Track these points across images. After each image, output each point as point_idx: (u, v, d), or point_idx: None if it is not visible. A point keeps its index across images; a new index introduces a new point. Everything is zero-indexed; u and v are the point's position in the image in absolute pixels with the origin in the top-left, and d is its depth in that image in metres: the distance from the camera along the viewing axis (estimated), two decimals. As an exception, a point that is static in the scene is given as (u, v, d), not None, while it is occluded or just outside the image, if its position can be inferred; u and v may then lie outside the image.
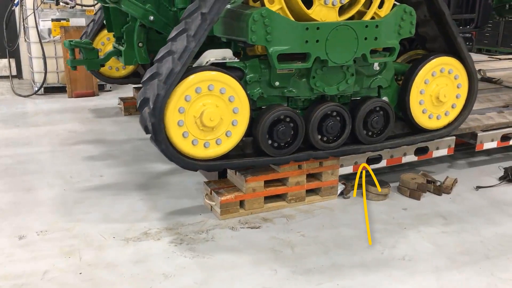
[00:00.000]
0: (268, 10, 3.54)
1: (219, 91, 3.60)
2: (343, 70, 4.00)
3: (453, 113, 4.52)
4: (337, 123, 4.03)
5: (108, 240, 3.59)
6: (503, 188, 4.56)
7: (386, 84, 4.28)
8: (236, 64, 3.79)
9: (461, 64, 4.39)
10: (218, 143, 3.70)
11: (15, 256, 3.39)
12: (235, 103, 3.68)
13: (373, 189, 4.26)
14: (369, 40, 3.89)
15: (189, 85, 3.50)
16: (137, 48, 4.84)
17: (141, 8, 4.49)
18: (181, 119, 3.53)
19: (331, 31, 3.75)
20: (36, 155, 5.30)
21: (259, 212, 4.00)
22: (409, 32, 4.04)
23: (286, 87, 3.93)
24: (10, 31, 8.70)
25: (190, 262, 3.33)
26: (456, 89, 4.43)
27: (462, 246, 3.56)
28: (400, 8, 3.96)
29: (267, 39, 3.59)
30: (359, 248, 3.52)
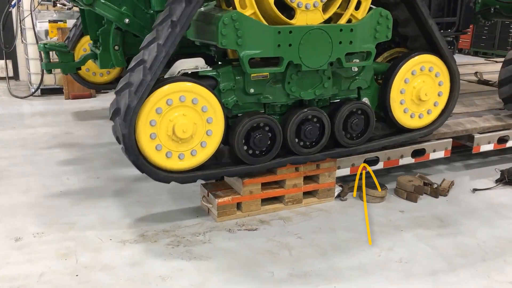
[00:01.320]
0: (239, 14, 3.46)
1: (191, 102, 3.52)
2: (319, 74, 3.93)
3: (436, 111, 4.46)
4: (316, 127, 3.97)
5: (104, 242, 3.58)
6: (500, 190, 4.57)
7: (366, 85, 4.22)
8: (209, 73, 3.70)
9: (442, 61, 4.34)
10: (193, 154, 3.63)
11: (11, 258, 3.38)
12: (209, 113, 3.60)
13: (370, 191, 4.26)
14: (344, 44, 3.82)
15: (159, 98, 3.43)
16: (113, 51, 4.71)
17: (116, 10, 4.37)
18: (153, 132, 3.46)
19: (304, 35, 3.67)
20: (33, 157, 5.29)
21: (256, 214, 4.00)
22: (386, 36, 3.97)
23: (262, 94, 3.84)
24: (7, 33, 8.69)
25: (187, 264, 3.32)
26: (437, 86, 4.37)
27: (458, 249, 3.56)
28: (376, 12, 3.89)
29: (238, 43, 3.50)
30: (356, 250, 3.52)
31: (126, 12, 4.41)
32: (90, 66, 6.39)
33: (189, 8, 3.42)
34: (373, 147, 4.30)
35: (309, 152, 4.01)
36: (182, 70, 3.63)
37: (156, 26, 3.52)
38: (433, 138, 4.69)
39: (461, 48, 12.64)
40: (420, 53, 4.26)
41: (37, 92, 8.09)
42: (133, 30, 4.51)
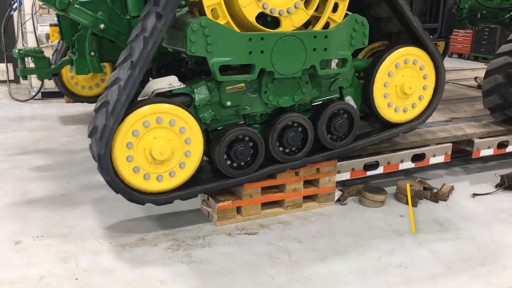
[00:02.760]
0: (208, 20, 3.37)
1: (169, 123, 3.47)
2: (296, 80, 3.86)
3: (421, 105, 4.38)
4: (298, 133, 3.90)
5: (104, 245, 3.58)
6: (500, 195, 4.57)
7: (347, 83, 4.15)
8: (183, 90, 3.63)
9: (426, 54, 4.26)
10: (172, 175, 3.57)
11: (10, 261, 3.38)
12: (187, 134, 3.54)
13: (370, 196, 4.26)
14: (318, 51, 3.75)
15: (135, 120, 3.37)
16: (89, 57, 4.64)
17: (90, 16, 4.30)
18: (130, 155, 3.40)
19: (276, 41, 3.59)
20: (33, 160, 5.29)
21: (256, 218, 4.00)
22: (362, 43, 3.91)
23: (239, 105, 3.77)
24: (8, 36, 8.71)
25: (187, 268, 3.32)
26: (422, 80, 4.29)
27: (458, 253, 3.56)
28: (352, 19, 3.81)
29: (208, 50, 3.41)
30: (356, 254, 3.52)
31: (101, 18, 4.33)
32: (78, 79, 6.36)
33: (160, 23, 3.34)
34: (359, 146, 4.22)
35: (293, 159, 3.95)
36: (156, 90, 3.57)
37: (130, 42, 3.47)
38: (433, 143, 4.69)
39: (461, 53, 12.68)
40: (403, 46, 4.17)
41: (38, 95, 8.10)
42: (108, 35, 4.43)
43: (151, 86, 3.60)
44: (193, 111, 3.62)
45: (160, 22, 3.34)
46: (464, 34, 12.24)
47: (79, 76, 5.92)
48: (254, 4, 3.47)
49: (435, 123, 5.09)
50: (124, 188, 3.46)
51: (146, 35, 3.36)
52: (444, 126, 5.02)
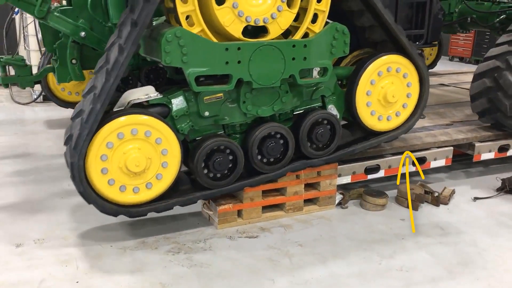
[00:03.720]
0: (183, 30, 3.32)
1: (144, 134, 3.42)
2: (276, 89, 3.79)
3: (405, 113, 4.33)
4: (278, 143, 3.84)
5: (105, 248, 3.58)
6: (501, 199, 4.57)
7: (329, 92, 4.10)
8: (160, 101, 3.58)
9: (409, 62, 4.21)
10: (149, 187, 3.52)
11: (11, 264, 3.38)
12: (163, 145, 3.49)
13: (371, 199, 4.26)
14: (298, 61, 3.68)
15: (109, 132, 3.33)
16: (70, 65, 4.55)
17: (70, 24, 4.23)
18: (105, 167, 3.36)
19: (254, 51, 3.54)
20: (34, 163, 5.30)
21: (257, 222, 4.00)
22: (343, 51, 3.85)
23: (218, 116, 3.72)
24: (10, 39, 8.71)
25: (188, 272, 3.32)
26: (406, 88, 4.24)
27: (459, 257, 3.56)
28: (332, 27, 3.75)
29: (183, 60, 3.36)
30: (357, 258, 3.51)
31: (82, 25, 4.28)
32: (65, 85, 6.27)
33: (135, 31, 3.28)
34: (341, 155, 4.15)
35: (274, 169, 3.89)
36: (132, 100, 3.52)
37: (107, 50, 3.44)
38: (434, 146, 4.69)
39: (462, 57, 12.68)
40: (386, 54, 4.12)
41: (39, 98, 8.11)
42: (90, 43, 4.37)
43: (127, 96, 3.55)
44: (171, 121, 3.57)
45: (135, 30, 3.28)
46: (465, 38, 12.24)
47: None
48: (237, 21, 3.45)
49: (436, 127, 5.09)
50: (96, 199, 3.41)
51: (121, 42, 3.30)
52: (445, 129, 5.02)
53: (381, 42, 4.31)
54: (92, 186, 3.40)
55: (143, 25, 3.30)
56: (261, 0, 3.50)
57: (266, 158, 3.87)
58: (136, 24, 3.28)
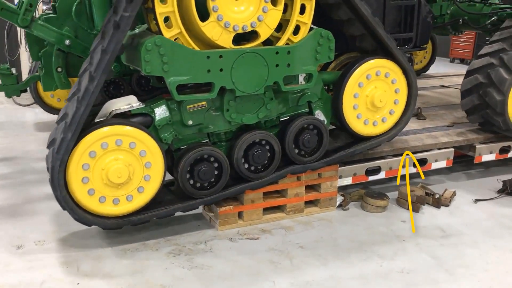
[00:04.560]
0: (163, 38, 3.26)
1: (129, 146, 3.38)
2: (260, 96, 3.74)
3: (392, 119, 4.28)
4: (264, 150, 3.80)
5: (106, 250, 3.58)
6: (502, 201, 4.56)
7: (316, 98, 4.05)
8: (143, 110, 3.53)
9: (399, 68, 4.16)
10: (129, 199, 3.47)
11: (12, 265, 3.38)
12: (147, 158, 3.45)
13: (371, 201, 4.26)
14: (281, 67, 3.64)
15: (92, 141, 3.29)
16: (56, 73, 4.50)
17: (55, 32, 4.19)
18: (86, 176, 3.32)
19: (236, 59, 3.49)
20: (34, 165, 5.30)
21: (258, 224, 4.00)
22: (328, 57, 3.81)
23: (202, 124, 3.67)
24: (11, 40, 8.72)
25: (188, 273, 3.32)
26: (393, 92, 4.19)
27: (460, 259, 3.55)
28: (316, 33, 3.71)
29: (164, 69, 3.31)
30: (358, 260, 3.51)
31: (66, 33, 4.24)
32: (56, 93, 6.24)
33: (118, 33, 3.24)
34: (328, 162, 4.08)
35: (260, 176, 3.84)
36: (114, 110, 3.49)
37: (91, 53, 3.42)
38: (435, 148, 4.69)
39: (463, 58, 12.67)
40: (373, 58, 4.07)
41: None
42: (75, 51, 4.32)
43: (108, 107, 3.51)
44: (154, 131, 3.54)
45: (118, 31, 3.24)
46: (466, 39, 12.23)
47: None
48: (225, 32, 3.43)
49: (437, 128, 5.09)
50: (72, 206, 3.36)
51: (104, 45, 3.27)
52: (446, 131, 5.02)
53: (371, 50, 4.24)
54: (70, 194, 3.35)
55: (113, 53, 3.25)
56: (244, 7, 3.45)
57: (252, 165, 3.82)
58: (119, 26, 3.24)
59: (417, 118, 5.45)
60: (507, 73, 4.64)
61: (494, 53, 4.77)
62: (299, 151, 3.98)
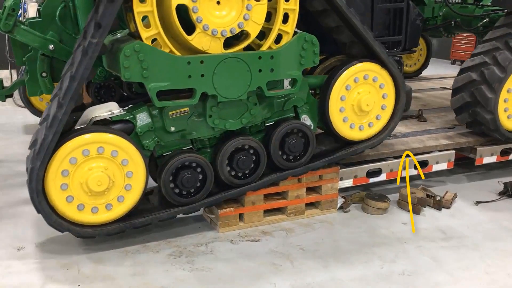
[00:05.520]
0: (142, 44, 3.20)
1: (110, 154, 3.34)
2: (243, 102, 3.69)
3: (379, 124, 4.21)
4: (249, 156, 3.75)
5: (106, 252, 3.57)
6: (503, 203, 4.55)
7: (302, 102, 4.00)
8: (124, 117, 3.48)
9: (387, 73, 4.10)
10: (109, 208, 3.42)
11: (12, 267, 3.38)
12: (129, 167, 3.40)
13: (372, 203, 4.25)
14: (265, 72, 3.58)
15: (72, 148, 3.25)
16: (40, 78, 4.39)
17: (38, 37, 4.13)
18: (65, 183, 3.27)
19: (218, 64, 3.43)
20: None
21: (259, 225, 4.00)
22: (313, 61, 3.76)
23: (185, 130, 3.63)
24: (12, 42, 8.73)
25: (189, 275, 3.31)
26: (380, 96, 4.13)
27: (461, 261, 3.55)
28: (300, 37, 3.66)
29: (144, 75, 3.25)
30: (359, 262, 3.51)
31: (50, 38, 4.18)
32: (45, 96, 6.16)
33: (86, 59, 3.19)
34: (313, 167, 4.02)
35: (245, 183, 3.80)
36: (95, 117, 3.45)
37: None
38: (436, 150, 4.68)
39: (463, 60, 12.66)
40: (360, 62, 4.01)
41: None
42: (59, 56, 4.25)
43: (89, 113, 3.47)
44: (135, 138, 3.49)
45: (86, 58, 3.20)
46: (466, 41, 12.24)
47: None
48: (214, 40, 3.39)
49: (438, 130, 5.09)
50: (47, 211, 3.30)
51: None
52: (447, 133, 5.02)
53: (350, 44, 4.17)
54: (48, 200, 3.31)
55: (81, 79, 3.22)
56: (226, 10, 3.39)
57: (237, 172, 3.79)
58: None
59: (418, 120, 5.45)
60: (500, 71, 4.62)
61: (488, 52, 4.74)
62: (286, 156, 3.92)
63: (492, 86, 4.61)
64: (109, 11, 3.16)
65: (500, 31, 4.84)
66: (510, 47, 4.66)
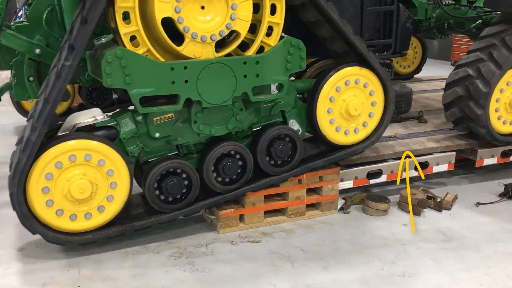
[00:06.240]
0: (124, 50, 3.17)
1: (97, 163, 3.32)
2: (229, 107, 3.64)
3: (366, 131, 4.18)
4: (236, 162, 3.72)
5: (107, 253, 3.58)
6: (504, 204, 4.55)
7: (289, 107, 3.95)
8: (108, 123, 3.45)
9: (377, 78, 4.06)
10: (87, 217, 3.38)
11: (13, 268, 3.38)
12: (114, 178, 3.38)
13: (373, 204, 4.25)
14: (250, 78, 3.54)
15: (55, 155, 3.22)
16: (27, 82, 4.35)
17: (24, 41, 4.09)
18: (47, 186, 3.24)
19: (202, 70, 3.38)
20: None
21: (259, 227, 4.00)
22: (299, 66, 3.70)
23: (170, 136, 3.58)
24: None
25: (189, 276, 3.32)
26: (369, 104, 4.10)
27: (462, 263, 3.54)
28: (286, 42, 3.61)
29: (126, 82, 3.20)
30: (359, 263, 3.51)
31: (36, 42, 4.15)
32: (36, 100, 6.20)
33: (59, 82, 3.17)
34: (301, 171, 3.99)
35: (230, 189, 3.77)
36: (78, 123, 3.40)
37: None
38: (437, 151, 4.68)
39: (464, 62, 12.67)
40: (347, 66, 3.97)
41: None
42: (46, 60, 4.21)
43: (72, 120, 3.43)
44: (119, 144, 3.46)
45: (60, 80, 3.17)
46: (467, 43, 12.23)
47: None
48: (205, 46, 3.36)
49: (438, 131, 5.09)
50: (23, 210, 3.25)
51: (46, 93, 3.20)
52: (447, 134, 5.02)
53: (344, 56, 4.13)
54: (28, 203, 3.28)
55: (55, 102, 3.19)
56: (210, 15, 3.34)
57: (222, 178, 3.76)
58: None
59: (418, 121, 5.45)
60: (484, 86, 4.48)
61: (471, 63, 4.62)
62: (273, 162, 3.90)
63: (487, 79, 4.49)
64: (83, 33, 3.13)
65: (484, 42, 4.67)
66: (506, 43, 4.58)
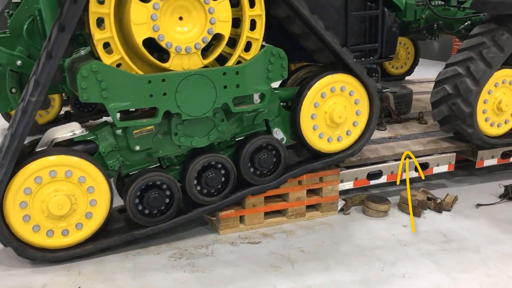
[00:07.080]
0: (99, 64, 3.11)
1: (78, 180, 3.29)
2: (210, 119, 3.61)
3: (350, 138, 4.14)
4: (218, 173, 3.69)
5: (107, 254, 3.58)
6: (504, 206, 4.55)
7: (273, 116, 3.92)
8: (87, 137, 3.41)
9: (362, 86, 4.03)
10: (64, 234, 3.34)
11: (14, 269, 3.38)
12: (94, 195, 3.36)
13: (373, 205, 4.26)
14: (230, 89, 3.50)
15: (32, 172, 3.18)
16: (10, 94, 4.31)
17: (5, 53, 4.07)
18: (24, 201, 3.20)
19: (180, 82, 3.34)
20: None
21: (259, 228, 4.00)
22: (281, 75, 3.67)
23: (151, 149, 3.55)
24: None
25: (189, 277, 3.32)
26: (354, 110, 4.07)
27: (462, 264, 3.54)
28: (267, 51, 3.57)
29: (103, 96, 3.16)
30: (359, 264, 3.51)
31: (18, 54, 4.12)
32: None
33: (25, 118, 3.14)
34: (286, 178, 3.95)
35: (212, 201, 3.74)
36: (56, 138, 3.37)
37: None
38: (437, 152, 4.68)
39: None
40: (331, 73, 3.93)
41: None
42: (27, 71, 4.08)
43: (50, 135, 3.40)
44: (99, 159, 3.43)
45: (26, 116, 3.15)
46: (467, 43, 12.24)
47: None
48: (192, 58, 3.34)
49: (438, 132, 5.09)
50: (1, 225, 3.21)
51: (12, 129, 3.18)
52: (447, 135, 5.01)
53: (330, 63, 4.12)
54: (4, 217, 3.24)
55: (22, 138, 3.15)
56: (189, 25, 3.31)
57: (205, 189, 3.73)
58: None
59: (418, 122, 5.45)
60: (473, 84, 4.47)
61: (461, 62, 4.60)
62: (257, 172, 3.87)
63: (476, 79, 4.47)
64: (48, 68, 3.12)
65: (473, 41, 4.64)
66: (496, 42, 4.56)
